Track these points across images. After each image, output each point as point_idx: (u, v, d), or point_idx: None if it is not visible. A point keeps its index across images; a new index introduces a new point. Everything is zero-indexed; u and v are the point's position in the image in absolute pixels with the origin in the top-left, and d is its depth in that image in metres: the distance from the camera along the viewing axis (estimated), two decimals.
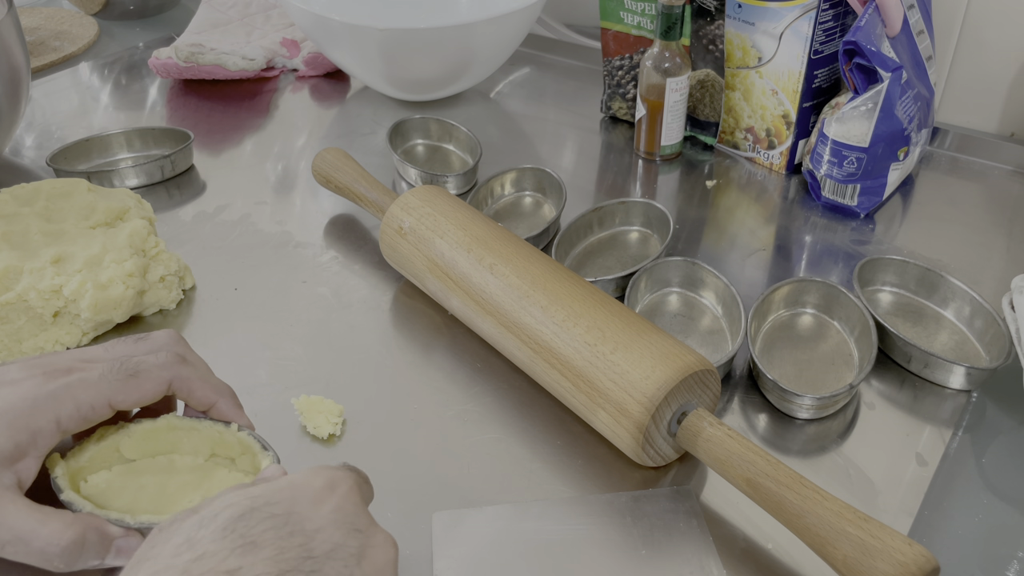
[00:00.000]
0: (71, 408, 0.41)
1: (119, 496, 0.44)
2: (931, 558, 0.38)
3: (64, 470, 0.43)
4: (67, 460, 0.44)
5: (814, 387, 0.54)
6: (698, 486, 0.49)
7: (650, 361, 0.47)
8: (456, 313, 0.59)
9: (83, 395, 0.41)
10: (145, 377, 0.43)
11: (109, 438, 0.45)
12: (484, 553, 0.45)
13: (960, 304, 0.59)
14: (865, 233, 0.71)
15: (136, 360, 0.44)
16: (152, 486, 0.44)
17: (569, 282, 0.54)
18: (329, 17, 0.81)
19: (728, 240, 0.70)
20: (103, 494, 0.44)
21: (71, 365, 0.43)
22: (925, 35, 0.72)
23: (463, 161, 0.81)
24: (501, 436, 0.52)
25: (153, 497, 0.44)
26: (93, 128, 0.88)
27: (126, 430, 0.46)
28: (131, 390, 0.43)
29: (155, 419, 0.46)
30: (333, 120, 0.90)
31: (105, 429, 0.45)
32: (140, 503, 0.44)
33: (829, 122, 0.70)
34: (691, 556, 0.44)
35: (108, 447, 0.45)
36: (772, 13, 0.71)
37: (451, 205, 0.61)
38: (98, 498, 0.43)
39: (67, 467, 0.44)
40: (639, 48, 0.82)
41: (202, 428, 0.46)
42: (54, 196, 0.65)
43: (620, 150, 0.84)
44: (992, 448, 0.52)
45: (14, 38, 0.74)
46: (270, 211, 0.75)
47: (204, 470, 0.46)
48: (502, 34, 0.85)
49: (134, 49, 1.06)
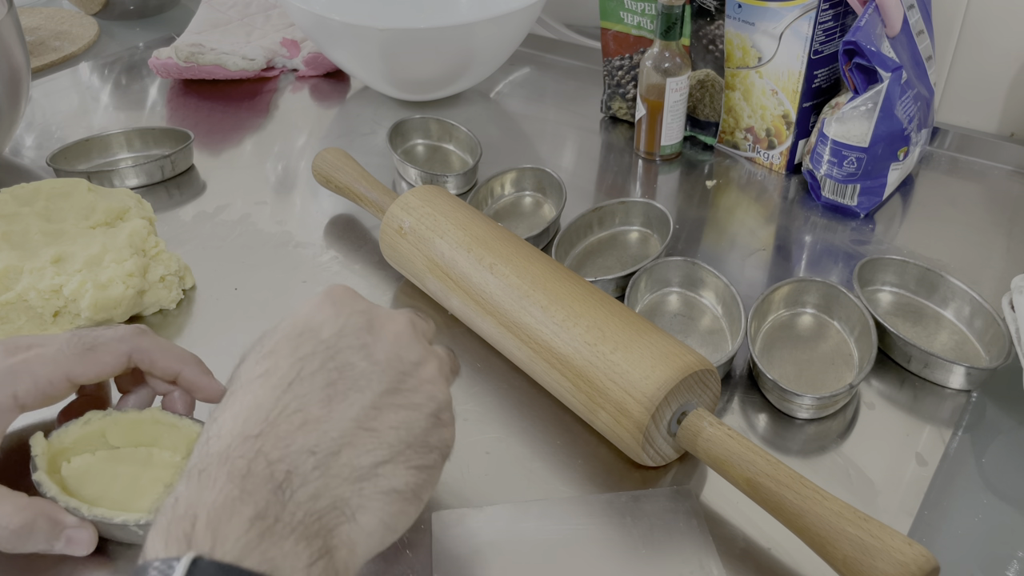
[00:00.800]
0: (29, 383, 0.41)
1: (94, 481, 0.44)
2: (931, 558, 0.38)
3: (45, 449, 0.44)
4: (51, 440, 0.45)
5: (814, 387, 0.54)
6: (698, 486, 0.49)
7: (650, 361, 0.47)
8: (456, 313, 0.59)
9: (40, 370, 0.42)
10: (103, 350, 0.44)
11: (96, 423, 0.46)
12: (484, 553, 0.45)
13: (960, 304, 0.59)
14: (865, 233, 0.71)
15: (94, 335, 0.44)
16: (126, 477, 0.45)
17: (569, 282, 0.54)
18: (329, 17, 0.81)
19: (728, 240, 0.70)
20: (80, 477, 0.44)
21: (31, 343, 0.43)
22: (925, 35, 0.72)
23: (463, 161, 0.81)
24: (501, 436, 0.52)
25: (124, 488, 0.44)
26: (93, 128, 0.88)
27: (112, 417, 0.46)
28: (89, 364, 0.43)
29: (141, 410, 0.47)
30: (333, 120, 0.90)
31: (93, 413, 0.46)
32: (110, 492, 0.44)
33: (829, 122, 0.70)
34: (691, 556, 0.44)
35: (94, 432, 0.46)
36: (772, 13, 0.71)
37: (451, 205, 0.61)
38: (75, 480, 0.44)
39: (50, 447, 0.44)
40: (639, 48, 0.82)
41: (182, 426, 0.47)
42: (54, 196, 0.65)
43: (620, 150, 0.84)
44: (992, 448, 0.52)
45: (14, 38, 0.74)
46: (270, 211, 0.75)
47: (179, 468, 0.46)
48: (502, 34, 0.85)
49: (134, 49, 1.06)
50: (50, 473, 0.44)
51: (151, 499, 0.44)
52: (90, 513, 0.42)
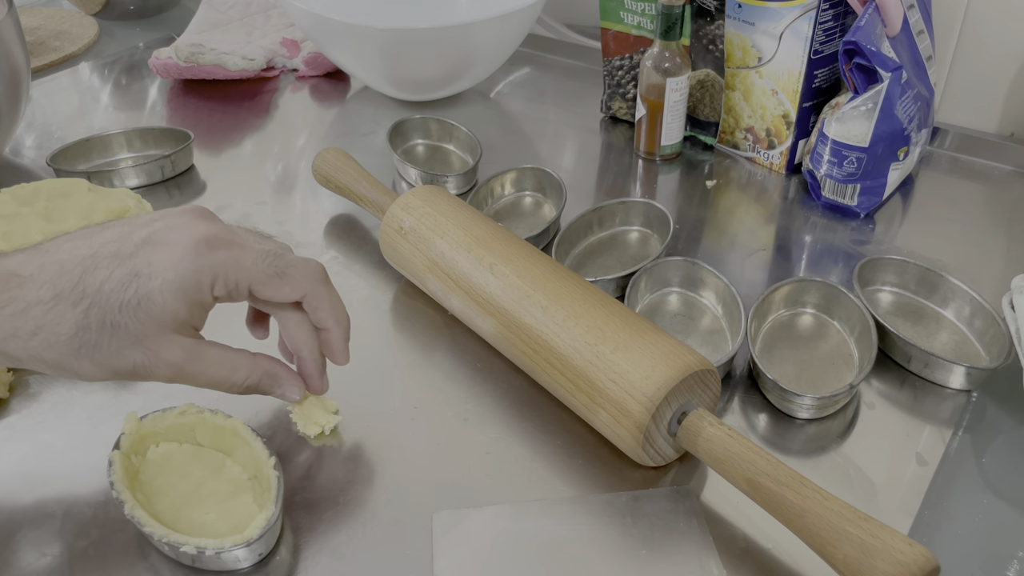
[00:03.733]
0: (222, 282, 0.44)
1: (170, 472, 0.48)
2: (931, 558, 0.38)
3: (135, 429, 0.48)
4: (145, 421, 0.48)
5: (814, 387, 0.54)
6: (698, 486, 0.49)
7: (650, 361, 0.47)
8: (456, 313, 0.59)
9: (234, 273, 0.44)
10: (288, 280, 0.46)
11: (190, 416, 0.49)
12: (484, 553, 0.45)
13: (960, 304, 0.59)
14: (865, 233, 0.71)
15: (286, 261, 0.46)
16: (195, 479, 0.48)
17: (569, 282, 0.54)
18: (329, 17, 0.81)
19: (728, 240, 0.70)
20: (161, 464, 0.48)
21: (231, 239, 0.45)
22: (925, 35, 0.72)
23: (463, 161, 0.81)
24: (501, 436, 0.52)
25: (189, 490, 0.47)
26: (93, 128, 0.88)
27: (204, 416, 0.50)
28: (273, 287, 0.46)
29: (228, 417, 0.49)
30: (333, 120, 0.90)
31: (189, 406, 0.50)
32: (178, 488, 0.47)
33: (829, 122, 0.70)
34: (691, 556, 0.44)
35: (187, 424, 0.49)
36: (772, 13, 0.71)
37: (451, 205, 0.61)
38: (154, 466, 0.48)
39: (142, 427, 0.48)
40: (639, 48, 0.82)
41: (255, 447, 0.48)
42: (54, 196, 0.65)
43: (620, 150, 0.84)
44: (992, 448, 0.52)
45: (14, 38, 0.74)
46: (270, 211, 0.75)
47: (239, 488, 0.48)
48: (502, 34, 0.85)
49: (134, 49, 1.06)
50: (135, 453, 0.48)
51: (200, 514, 0.46)
52: (166, 538, 0.43)
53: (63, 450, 0.52)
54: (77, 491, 0.49)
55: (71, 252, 0.42)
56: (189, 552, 0.43)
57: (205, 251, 0.43)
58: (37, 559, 0.45)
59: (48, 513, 0.48)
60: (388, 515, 0.47)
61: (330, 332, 0.49)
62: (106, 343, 0.42)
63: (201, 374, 0.45)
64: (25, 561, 0.45)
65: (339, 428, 0.52)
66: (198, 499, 0.47)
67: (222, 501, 0.47)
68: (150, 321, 0.42)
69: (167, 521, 0.45)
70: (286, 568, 0.45)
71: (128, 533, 0.46)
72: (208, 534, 0.45)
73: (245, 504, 0.47)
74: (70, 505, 0.48)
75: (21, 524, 0.47)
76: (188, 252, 0.43)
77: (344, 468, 0.50)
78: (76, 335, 0.41)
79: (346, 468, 0.50)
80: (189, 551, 0.43)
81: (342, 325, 0.49)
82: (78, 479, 0.49)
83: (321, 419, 0.51)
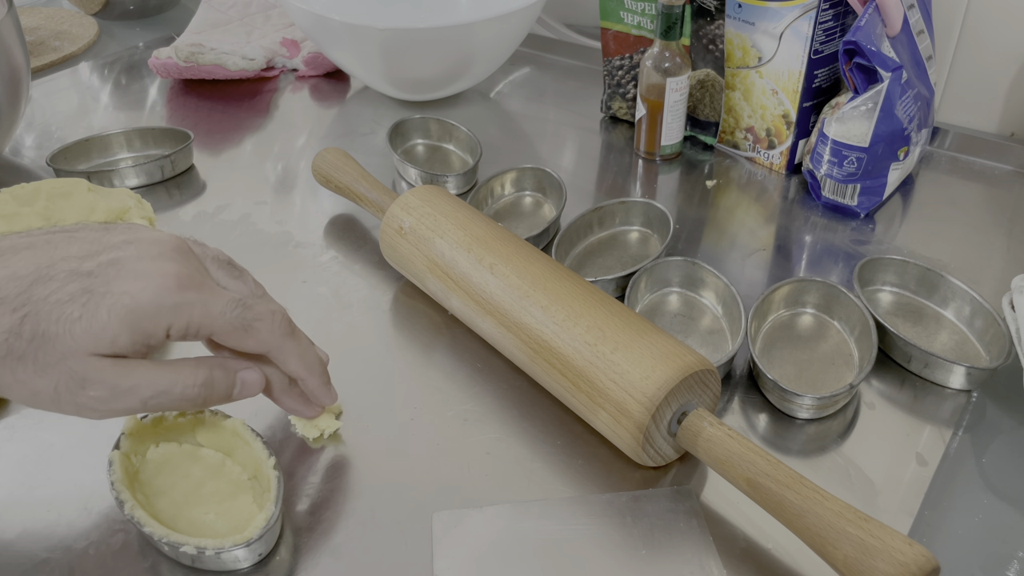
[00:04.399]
0: (183, 324, 0.42)
1: (170, 472, 0.48)
2: (931, 558, 0.38)
3: (134, 427, 0.48)
4: (145, 420, 0.48)
5: (814, 387, 0.54)
6: (698, 486, 0.49)
7: (650, 361, 0.47)
8: (456, 313, 0.59)
9: (198, 319, 0.42)
10: (253, 335, 0.44)
11: (190, 416, 0.49)
12: (484, 553, 0.45)
13: (960, 304, 0.59)
14: (865, 233, 0.71)
15: (253, 315, 0.44)
16: (195, 479, 0.48)
17: (569, 282, 0.54)
18: (329, 17, 0.81)
19: (728, 240, 0.70)
20: (160, 464, 0.48)
21: (202, 282, 0.43)
22: (925, 35, 0.72)
23: (463, 161, 0.81)
24: (501, 436, 0.52)
25: (189, 490, 0.47)
26: (93, 128, 0.88)
27: (202, 417, 0.49)
28: (236, 339, 0.44)
29: (228, 417, 0.49)
30: (333, 120, 0.90)
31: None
32: (177, 488, 0.47)
33: (829, 122, 0.70)
34: (691, 556, 0.44)
35: (187, 424, 0.49)
36: (772, 13, 0.71)
37: (451, 205, 0.61)
38: (154, 466, 0.48)
39: (140, 428, 0.48)
40: (639, 48, 0.82)
41: (255, 447, 0.48)
42: (54, 196, 0.65)
43: (620, 150, 0.84)
44: (992, 448, 0.52)
45: (14, 38, 0.74)
46: (270, 211, 0.75)
47: (238, 488, 0.48)
48: (502, 34, 0.85)
49: (134, 49, 1.06)
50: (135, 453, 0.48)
51: (199, 514, 0.46)
52: (166, 538, 0.43)
53: (63, 450, 0.52)
54: (77, 491, 0.49)
55: (28, 259, 0.40)
56: (189, 552, 0.43)
57: (174, 289, 0.41)
58: (37, 559, 0.45)
59: (48, 513, 0.48)
60: (388, 515, 0.47)
61: (304, 381, 0.48)
62: (31, 357, 0.39)
63: (139, 387, 0.41)
64: (25, 561, 0.45)
65: (339, 428, 0.52)
66: (198, 499, 0.47)
67: (222, 501, 0.47)
68: (85, 337, 0.39)
69: (167, 521, 0.45)
70: (286, 568, 0.45)
71: (128, 533, 0.46)
72: (208, 534, 0.45)
73: (245, 504, 0.47)
74: (70, 505, 0.48)
75: (21, 524, 0.47)
76: (153, 286, 0.41)
77: (344, 468, 0.50)
78: (5, 341, 0.39)
79: (346, 468, 0.50)
80: (189, 551, 0.43)
81: (315, 372, 0.48)
82: (78, 479, 0.49)
83: (322, 423, 0.51)
